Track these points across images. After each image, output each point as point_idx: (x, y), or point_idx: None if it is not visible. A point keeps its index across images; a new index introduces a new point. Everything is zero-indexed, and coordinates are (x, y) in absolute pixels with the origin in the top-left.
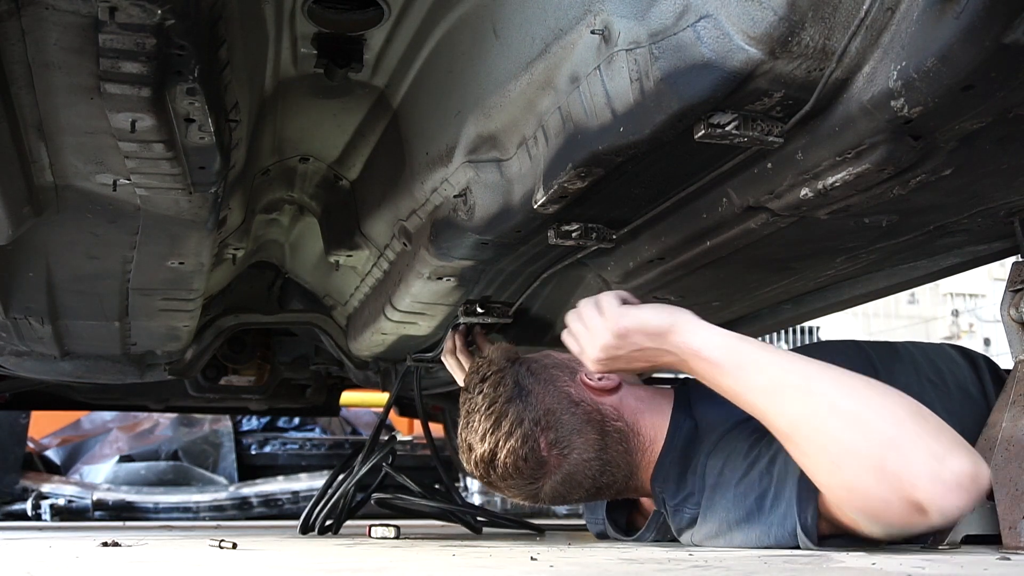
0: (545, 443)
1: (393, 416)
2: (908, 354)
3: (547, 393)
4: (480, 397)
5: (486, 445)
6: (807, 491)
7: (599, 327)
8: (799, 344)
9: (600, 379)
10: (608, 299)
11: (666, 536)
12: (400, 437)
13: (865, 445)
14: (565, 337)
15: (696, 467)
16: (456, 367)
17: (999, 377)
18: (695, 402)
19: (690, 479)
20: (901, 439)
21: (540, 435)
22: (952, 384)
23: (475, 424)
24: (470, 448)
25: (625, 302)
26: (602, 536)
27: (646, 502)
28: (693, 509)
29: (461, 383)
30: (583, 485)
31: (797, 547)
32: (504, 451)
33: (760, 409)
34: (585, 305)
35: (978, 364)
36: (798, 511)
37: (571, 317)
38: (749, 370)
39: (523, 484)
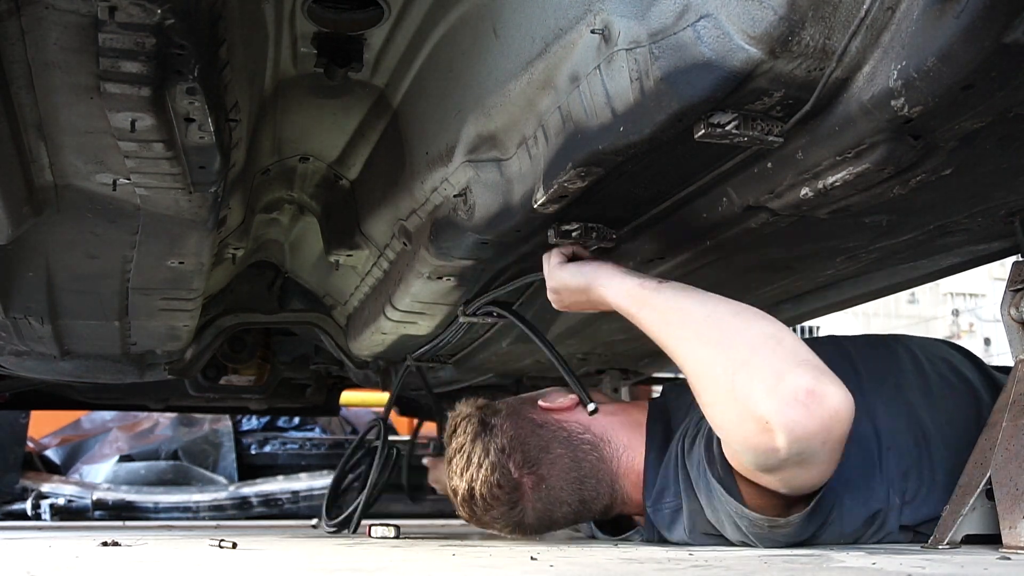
0: (514, 466)
1: (393, 416)
2: (895, 348)
3: (510, 423)
4: (454, 444)
5: (463, 482)
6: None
7: (548, 286)
8: None
9: (558, 400)
10: (552, 258)
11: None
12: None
13: (722, 366)
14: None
15: (669, 460)
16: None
17: (991, 376)
18: (669, 405)
19: (662, 472)
20: (750, 360)
21: (508, 460)
22: (946, 379)
23: (453, 467)
24: (454, 492)
25: (574, 257)
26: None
27: (640, 520)
28: (673, 500)
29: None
30: (565, 501)
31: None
32: (479, 482)
33: (658, 341)
34: (544, 261)
35: (975, 361)
36: (708, 462)
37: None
38: (645, 311)
39: (505, 512)
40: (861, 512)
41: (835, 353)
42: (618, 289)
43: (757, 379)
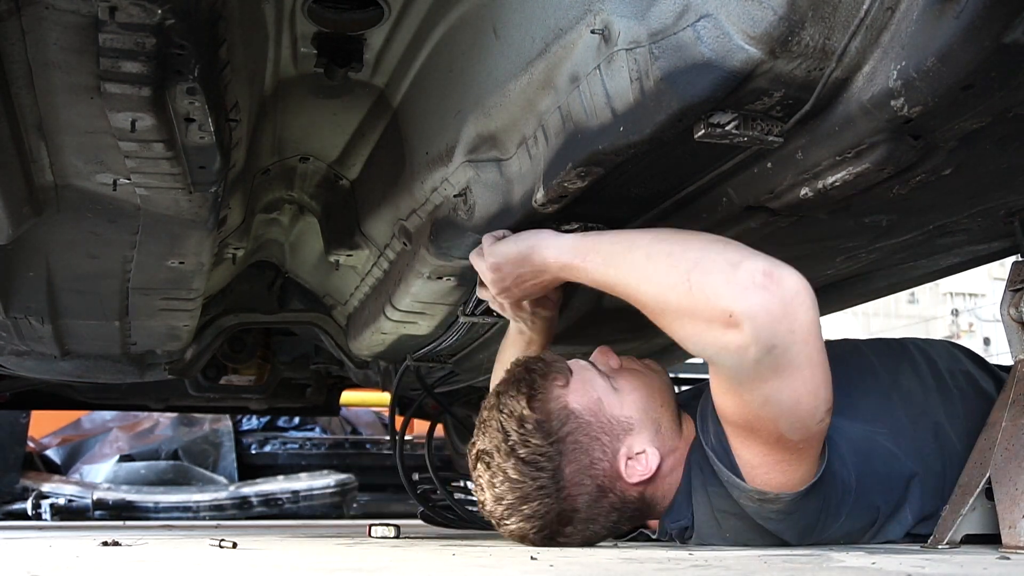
0: (559, 530)
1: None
2: (917, 363)
3: (580, 488)
4: (511, 465)
5: (501, 509)
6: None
7: (482, 269)
8: None
9: (640, 470)
10: (484, 241)
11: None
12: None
13: (675, 276)
14: (479, 291)
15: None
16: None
17: (995, 374)
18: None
19: (674, 500)
20: (702, 260)
21: (557, 526)
22: (954, 382)
23: (497, 484)
24: (482, 491)
25: (504, 237)
26: None
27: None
28: (683, 519)
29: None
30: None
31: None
32: (517, 524)
33: (609, 285)
34: (473, 256)
35: (989, 369)
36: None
37: (472, 260)
38: (590, 256)
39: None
40: (866, 519)
41: (860, 366)
42: (559, 246)
43: (712, 273)
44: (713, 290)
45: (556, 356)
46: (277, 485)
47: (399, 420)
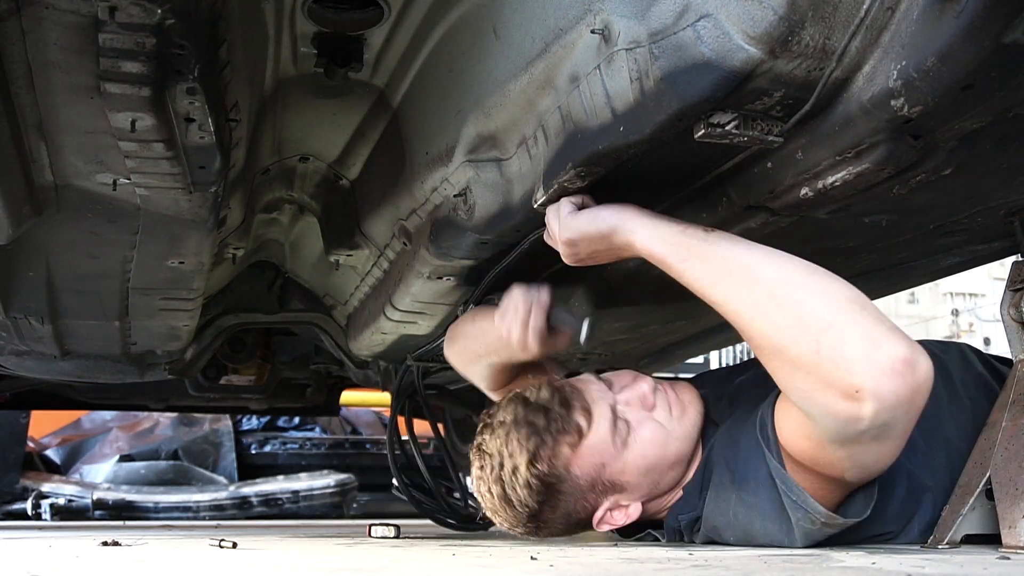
0: (542, 532)
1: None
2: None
3: (554, 523)
4: (498, 491)
5: (488, 505)
6: (769, 411)
7: (556, 236)
8: None
9: (617, 520)
10: (561, 208)
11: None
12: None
13: (802, 330)
14: (546, 238)
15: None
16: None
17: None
18: (713, 441)
19: (684, 491)
20: (838, 324)
21: (536, 533)
22: (966, 392)
23: (483, 491)
24: (477, 482)
25: (584, 206)
26: None
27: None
28: (693, 511)
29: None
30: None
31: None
32: (501, 520)
33: (709, 298)
34: (549, 213)
35: (988, 363)
36: (761, 411)
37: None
38: (692, 262)
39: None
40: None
41: None
42: (652, 234)
43: (849, 345)
44: (847, 363)
45: (580, 397)
46: (277, 485)
47: (396, 420)
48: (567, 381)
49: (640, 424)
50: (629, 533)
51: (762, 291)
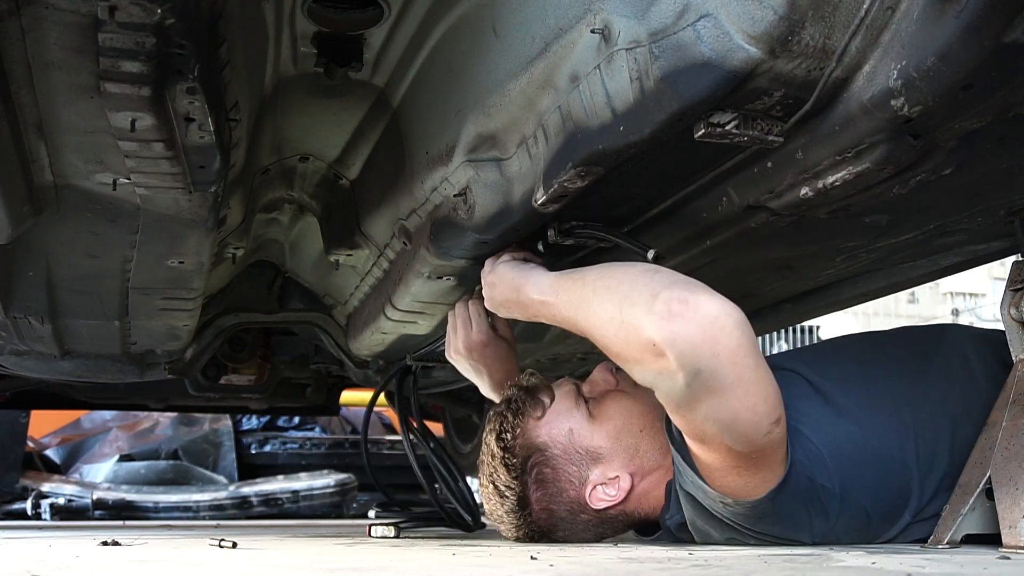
0: (545, 537)
1: (392, 416)
2: (947, 355)
3: (550, 512)
4: (490, 489)
5: (491, 513)
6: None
7: (484, 279)
8: (799, 344)
9: (610, 495)
10: (503, 254)
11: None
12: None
13: (612, 310)
14: (482, 274)
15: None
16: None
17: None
18: None
19: (673, 496)
20: (631, 293)
21: (539, 535)
22: (987, 370)
23: (484, 495)
24: (484, 499)
25: (526, 260)
26: None
27: None
28: (678, 514)
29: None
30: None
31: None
32: (505, 528)
33: (573, 324)
34: (488, 260)
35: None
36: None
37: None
38: (561, 295)
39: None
40: (859, 521)
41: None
42: (540, 281)
43: (637, 305)
44: (637, 322)
45: (544, 381)
46: (277, 485)
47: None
48: (534, 372)
49: (604, 395)
50: (648, 532)
51: (590, 293)
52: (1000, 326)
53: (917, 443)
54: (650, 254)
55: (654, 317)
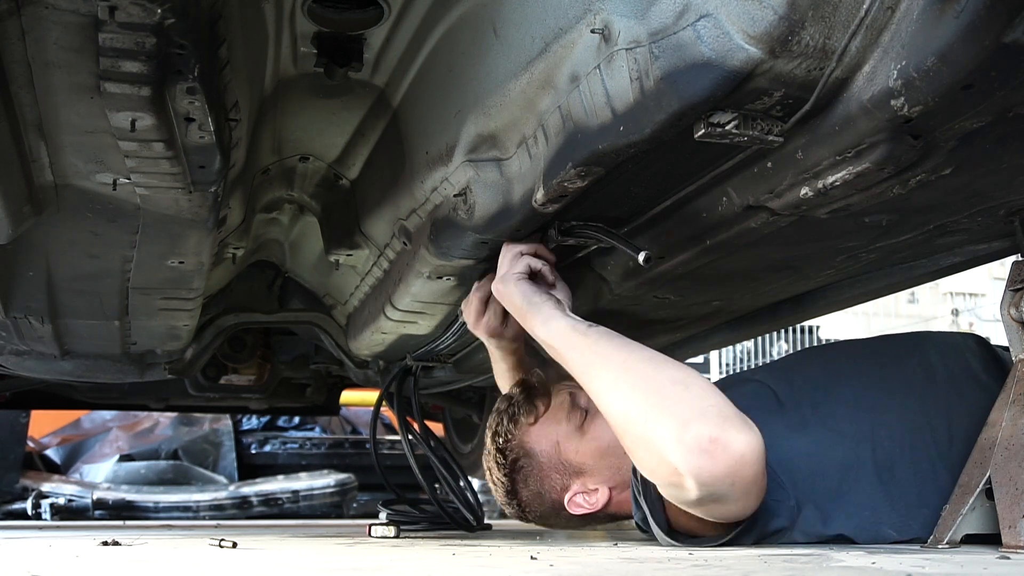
0: (545, 523)
1: (392, 415)
2: (910, 363)
3: (536, 507)
4: (489, 477)
5: (491, 487)
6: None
7: (496, 276)
8: (800, 344)
9: (586, 504)
10: (518, 260)
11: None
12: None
13: (636, 414)
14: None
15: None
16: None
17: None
18: None
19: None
20: (660, 406)
21: (538, 522)
22: (968, 375)
23: (487, 473)
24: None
25: (537, 272)
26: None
27: None
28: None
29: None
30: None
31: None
32: (510, 512)
33: (582, 382)
34: (508, 249)
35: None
36: (644, 488)
37: (503, 252)
38: (572, 353)
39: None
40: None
41: (829, 367)
42: (551, 327)
43: (665, 427)
44: (663, 443)
45: (545, 384)
46: (277, 485)
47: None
48: (538, 374)
49: (597, 411)
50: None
51: (612, 377)
52: (1000, 326)
53: (875, 449)
54: (641, 256)
55: (682, 448)
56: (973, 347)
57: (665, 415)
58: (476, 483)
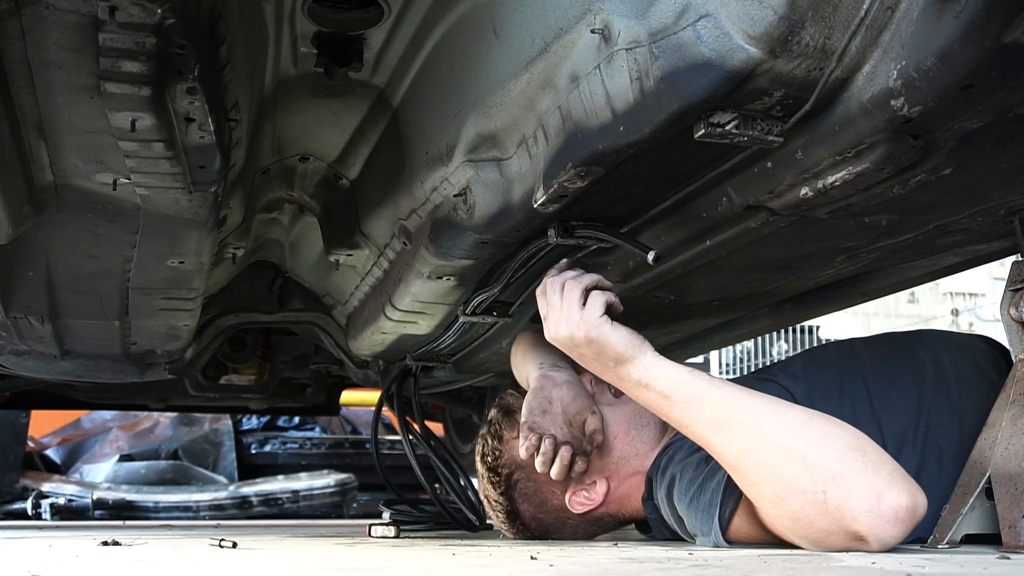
0: (544, 538)
1: (393, 415)
2: (918, 356)
3: (540, 520)
4: (484, 499)
5: (491, 514)
6: (731, 490)
7: (572, 320)
8: (800, 344)
9: (587, 499)
10: (595, 299)
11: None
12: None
13: (807, 480)
14: (539, 296)
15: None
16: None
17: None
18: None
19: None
20: (842, 474)
21: (539, 536)
22: (962, 373)
23: (484, 501)
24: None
25: (610, 306)
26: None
27: None
28: (654, 510)
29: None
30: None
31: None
32: (508, 531)
33: (708, 443)
34: (572, 287)
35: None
36: (720, 503)
37: (553, 287)
38: (696, 404)
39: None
40: None
41: (841, 369)
42: (663, 372)
43: (855, 496)
44: (852, 513)
45: (520, 400)
46: (277, 485)
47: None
48: (513, 394)
49: (603, 399)
50: (648, 528)
51: (766, 440)
52: (1000, 326)
53: (884, 445)
54: (650, 256)
55: (877, 518)
56: (982, 347)
57: (850, 483)
58: (476, 483)
